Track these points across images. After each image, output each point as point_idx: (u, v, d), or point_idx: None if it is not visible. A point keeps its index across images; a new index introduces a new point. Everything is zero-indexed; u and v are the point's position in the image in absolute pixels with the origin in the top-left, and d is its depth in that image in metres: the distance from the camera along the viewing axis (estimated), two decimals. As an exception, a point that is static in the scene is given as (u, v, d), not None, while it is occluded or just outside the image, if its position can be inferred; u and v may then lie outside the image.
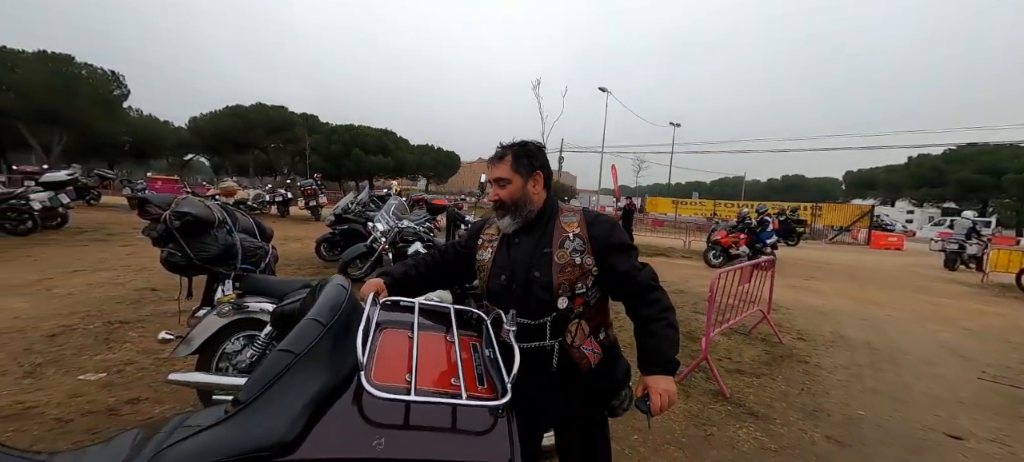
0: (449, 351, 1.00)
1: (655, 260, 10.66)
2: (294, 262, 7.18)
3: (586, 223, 1.32)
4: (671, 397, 1.19)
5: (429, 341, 1.02)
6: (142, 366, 2.99)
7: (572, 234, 1.29)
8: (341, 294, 0.95)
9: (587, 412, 1.34)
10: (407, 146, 41.47)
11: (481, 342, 1.09)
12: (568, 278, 1.25)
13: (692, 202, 31.65)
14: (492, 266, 1.36)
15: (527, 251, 1.31)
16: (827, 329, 5.05)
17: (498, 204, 1.34)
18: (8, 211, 7.75)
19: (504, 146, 1.38)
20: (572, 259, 1.26)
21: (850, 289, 7.88)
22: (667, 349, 1.23)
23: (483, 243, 1.44)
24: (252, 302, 2.33)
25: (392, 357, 0.92)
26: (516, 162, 1.34)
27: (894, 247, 17.96)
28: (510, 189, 1.32)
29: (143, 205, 2.19)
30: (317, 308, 0.87)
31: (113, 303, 4.38)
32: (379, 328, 1.02)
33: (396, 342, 0.98)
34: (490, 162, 1.38)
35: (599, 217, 1.36)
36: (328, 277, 1.10)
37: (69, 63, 26.33)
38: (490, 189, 1.37)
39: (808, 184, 69.02)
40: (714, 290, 3.24)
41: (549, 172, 1.40)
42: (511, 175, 1.32)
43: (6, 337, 3.36)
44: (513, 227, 1.34)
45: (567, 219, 1.33)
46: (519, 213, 1.33)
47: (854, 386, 3.47)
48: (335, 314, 0.86)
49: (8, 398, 2.48)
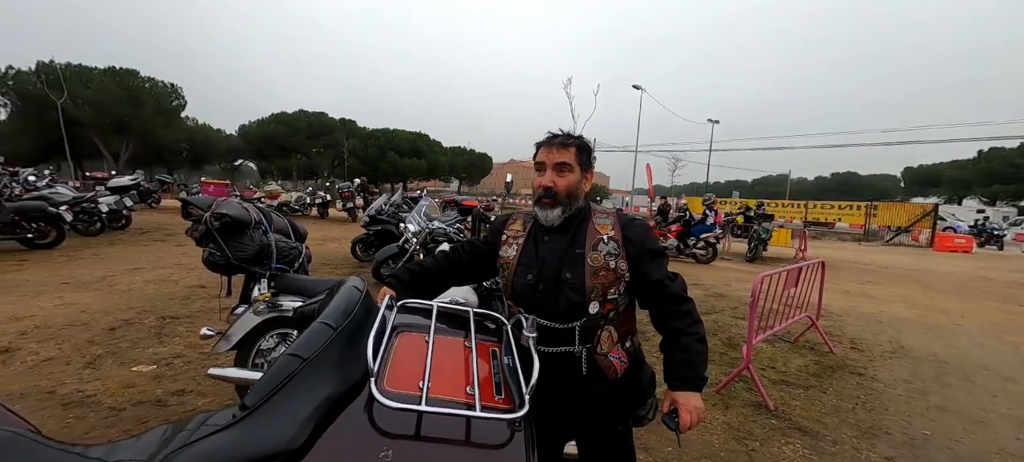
0: (466, 357, 0.96)
1: (692, 263, 10.25)
2: (330, 262, 7.42)
3: (620, 226, 1.27)
4: (700, 415, 1.16)
5: (446, 346, 0.98)
6: (189, 360, 3.16)
7: (606, 236, 1.23)
8: (354, 296, 0.93)
9: (611, 421, 1.28)
10: (440, 148, 42.27)
11: (501, 348, 1.04)
12: (601, 282, 1.19)
13: (731, 202, 30.30)
14: (518, 264, 1.28)
15: (558, 250, 1.24)
16: (885, 339, 4.64)
17: (550, 193, 1.24)
18: (80, 213, 8.48)
19: (568, 133, 1.31)
20: (606, 263, 1.20)
21: (912, 295, 7.24)
22: (698, 364, 1.19)
23: (507, 239, 1.36)
24: (286, 301, 2.40)
25: (407, 363, 0.89)
26: (581, 153, 1.28)
27: (962, 249, 16.42)
28: (570, 178, 1.25)
29: (186, 207, 2.30)
30: (329, 311, 0.85)
31: (166, 299, 4.68)
32: (396, 332, 0.99)
33: (412, 347, 0.95)
34: (550, 146, 1.27)
35: (634, 220, 1.30)
36: (345, 277, 1.08)
37: (135, 77, 28.66)
38: (541, 176, 1.27)
39: (862, 182, 64.53)
40: (757, 294, 3.04)
41: (591, 176, 1.37)
42: (574, 163, 1.26)
43: (73, 329, 3.64)
44: (560, 221, 1.26)
45: (601, 221, 1.27)
46: (569, 207, 1.26)
47: (917, 402, 3.15)
48: (347, 317, 0.83)
49: (71, 386, 2.68)
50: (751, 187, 71.25)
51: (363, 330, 0.86)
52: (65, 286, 5.00)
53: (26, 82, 24.89)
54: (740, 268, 9.63)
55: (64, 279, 5.32)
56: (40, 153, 28.52)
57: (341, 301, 0.90)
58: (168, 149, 33.77)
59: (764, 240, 10.84)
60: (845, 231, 21.99)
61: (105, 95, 26.23)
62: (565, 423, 1.29)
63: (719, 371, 3.50)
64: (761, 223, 11.12)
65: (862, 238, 19.91)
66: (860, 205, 21.57)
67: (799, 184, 69.09)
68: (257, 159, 43.65)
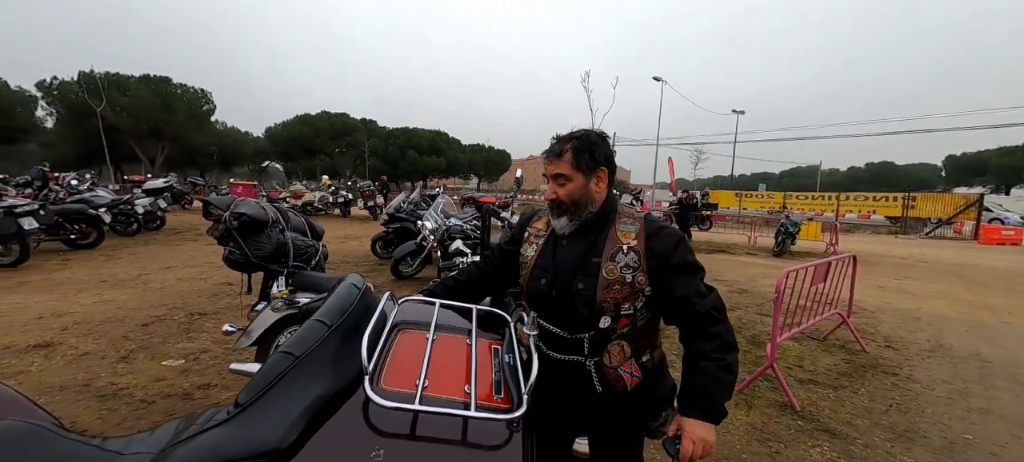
0: (467, 355, 0.94)
1: (716, 257, 9.98)
2: (352, 259, 7.56)
3: (646, 235, 1.15)
4: (706, 448, 1.03)
5: (448, 344, 0.97)
6: (215, 355, 3.27)
7: (627, 246, 1.13)
8: (352, 293, 0.92)
9: (621, 429, 1.22)
10: (459, 146, 42.51)
11: (503, 346, 1.02)
12: (614, 297, 1.11)
13: (758, 195, 29.34)
14: (533, 267, 1.24)
15: (574, 257, 1.18)
16: (923, 337, 4.39)
17: (555, 203, 1.19)
18: (118, 215, 8.92)
19: (562, 138, 1.22)
20: (622, 276, 1.11)
21: (954, 291, 6.83)
22: (716, 394, 1.06)
23: (529, 236, 1.32)
24: (302, 298, 2.45)
25: (406, 360, 0.88)
26: (577, 157, 1.17)
27: (1010, 242, 15.40)
28: (569, 188, 1.17)
29: (207, 208, 2.37)
30: (324, 309, 0.84)
31: (195, 296, 4.86)
32: (397, 329, 0.98)
33: (412, 344, 0.94)
34: (546, 157, 1.22)
35: (663, 229, 1.17)
36: (345, 274, 1.08)
37: (167, 84, 29.89)
38: (546, 186, 1.25)
39: (899, 172, 61.45)
40: (781, 290, 2.92)
41: (614, 166, 1.24)
42: (571, 172, 1.17)
43: (109, 325, 3.83)
44: (570, 229, 1.20)
45: (624, 227, 1.17)
46: (578, 214, 1.18)
47: (958, 405, 2.97)
48: (342, 315, 0.83)
49: (105, 380, 2.81)
50: (779, 179, 68.88)
51: (360, 328, 0.85)
52: (103, 284, 5.27)
53: (69, 91, 26.32)
54: (766, 263, 9.31)
55: (103, 277, 5.60)
56: (83, 159, 30.18)
57: (337, 298, 0.89)
58: (199, 152, 35.18)
59: (792, 234, 10.45)
60: (880, 223, 20.97)
61: (141, 102, 27.48)
62: (574, 421, 1.27)
63: (742, 370, 3.38)
64: (699, 213, 10.67)
65: (899, 230, 18.96)
66: (897, 196, 20.51)
67: (830, 175, 66.36)
68: (283, 160, 44.95)
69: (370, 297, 1.00)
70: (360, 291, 0.95)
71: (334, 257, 7.33)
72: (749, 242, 12.91)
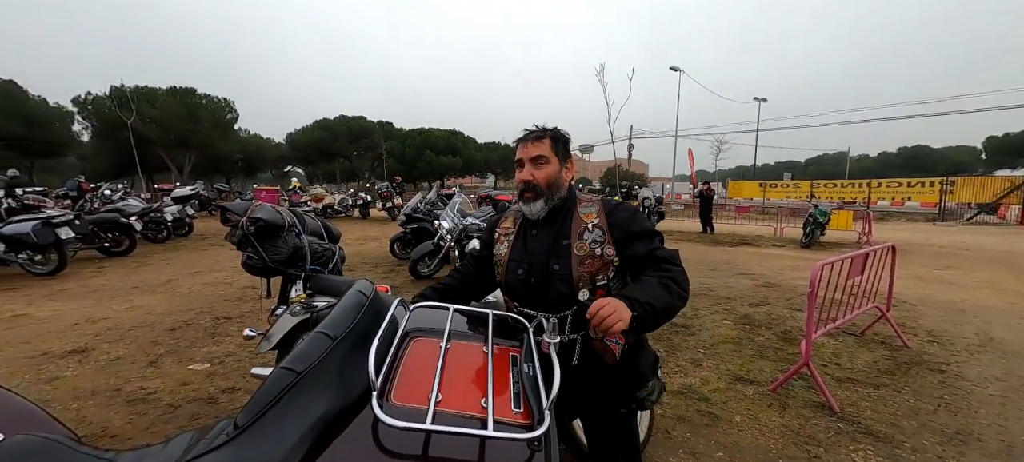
0: (484, 365, 0.88)
1: (741, 249, 9.68)
2: (371, 260, 7.63)
3: (605, 213, 1.28)
4: (615, 314, 0.97)
5: (463, 353, 0.91)
6: (239, 358, 3.32)
7: (591, 225, 1.25)
8: (358, 301, 0.87)
9: (613, 404, 1.29)
10: (474, 145, 42.60)
11: (521, 354, 0.95)
12: (588, 270, 1.21)
13: (783, 184, 28.39)
14: (508, 260, 1.33)
15: (545, 243, 1.27)
16: (970, 330, 4.12)
17: (529, 187, 1.27)
18: (149, 223, 9.25)
19: (540, 127, 1.34)
20: (592, 251, 1.22)
21: (1000, 280, 6.42)
22: (647, 292, 1.09)
23: (499, 237, 1.41)
24: (320, 301, 2.44)
25: (418, 371, 0.82)
26: (555, 144, 1.31)
27: (1061, 226, 14.43)
28: (548, 170, 1.27)
29: (224, 213, 2.38)
30: (329, 319, 0.79)
31: (221, 300, 4.97)
32: (409, 337, 0.93)
33: (425, 354, 0.88)
34: (525, 141, 1.30)
35: (619, 205, 1.31)
36: (355, 279, 1.03)
37: (192, 95, 30.92)
38: (521, 171, 1.29)
39: (934, 156, 58.45)
40: (816, 283, 2.75)
41: (574, 164, 1.40)
42: (550, 155, 1.28)
43: (139, 330, 3.94)
44: (544, 212, 1.28)
45: (585, 210, 1.30)
46: (552, 198, 1.28)
47: (1014, 404, 2.75)
48: (348, 325, 0.77)
49: (135, 384, 2.88)
50: (805, 168, 66.57)
51: (370, 338, 0.80)
52: (135, 290, 5.45)
53: (102, 105, 27.51)
54: (794, 255, 8.97)
55: (135, 283, 5.79)
56: (117, 170, 31.51)
57: (343, 307, 0.84)
58: (225, 159, 36.30)
59: (821, 224, 10.02)
60: (916, 211, 19.98)
61: (168, 113, 28.52)
62: (566, 403, 1.28)
63: (774, 368, 3.24)
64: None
65: (937, 218, 18.04)
66: (933, 181, 19.53)
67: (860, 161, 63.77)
68: (304, 165, 45.94)
69: (380, 303, 0.95)
70: (368, 298, 0.89)
71: (353, 258, 7.40)
72: (775, 233, 12.48)
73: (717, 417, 2.55)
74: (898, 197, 21.14)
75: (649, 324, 1.06)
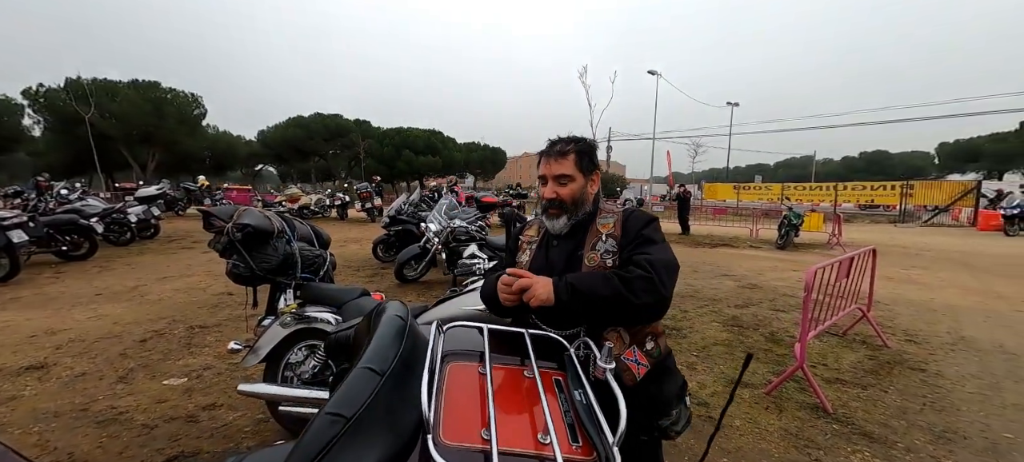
0: (530, 392, 0.81)
1: (720, 251, 9.91)
2: (353, 264, 7.41)
3: (623, 222, 1.23)
4: (534, 289, 1.06)
5: (505, 378, 0.84)
6: (219, 371, 3.12)
7: (605, 235, 1.22)
8: (398, 328, 0.79)
9: (632, 432, 1.17)
10: (454, 145, 42.24)
11: (566, 377, 0.88)
12: None
13: (755, 186, 29.36)
14: (528, 270, 1.25)
15: (564, 254, 1.25)
16: (942, 329, 4.31)
17: (555, 203, 1.24)
18: (111, 224, 8.70)
19: (564, 140, 1.28)
20: (602, 262, 1.17)
21: (963, 279, 6.78)
22: (582, 276, 1.10)
23: (522, 245, 1.38)
24: (312, 311, 2.31)
25: (463, 403, 0.75)
26: (580, 159, 1.25)
27: (1009, 228, 15.44)
28: (572, 187, 1.23)
29: (207, 219, 2.22)
30: (371, 351, 0.71)
31: (195, 308, 4.70)
32: (445, 361, 0.85)
33: (466, 381, 0.81)
34: (549, 157, 1.26)
35: (635, 212, 1.26)
36: (385, 302, 0.94)
37: (156, 89, 29.40)
38: (545, 187, 1.25)
39: (893, 160, 61.79)
40: (811, 287, 2.80)
41: (600, 173, 1.34)
42: (574, 172, 1.24)
43: (106, 342, 3.67)
44: (567, 228, 1.25)
45: (604, 220, 1.26)
46: (576, 214, 1.25)
47: (992, 401, 2.88)
48: (393, 359, 0.69)
49: (104, 403, 2.66)
50: (774, 171, 69.08)
51: (410, 367, 0.72)
52: (98, 297, 5.09)
53: (56, 98, 25.82)
54: (771, 256, 9.25)
55: (98, 290, 5.42)
56: (73, 167, 29.67)
57: (385, 337, 0.76)
58: (192, 157, 34.67)
59: (796, 226, 10.38)
60: (879, 213, 21.01)
61: (130, 107, 27.01)
62: None
63: (766, 370, 3.29)
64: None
65: (898, 219, 19.02)
66: (894, 185, 20.57)
67: (825, 165, 66.66)
68: (276, 163, 44.46)
69: (417, 329, 0.87)
70: (406, 323, 0.81)
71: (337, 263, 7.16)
72: (751, 235, 12.85)
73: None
74: (862, 199, 22.18)
75: (566, 303, 1.05)
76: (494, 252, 5.22)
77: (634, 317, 1.13)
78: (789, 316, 4.68)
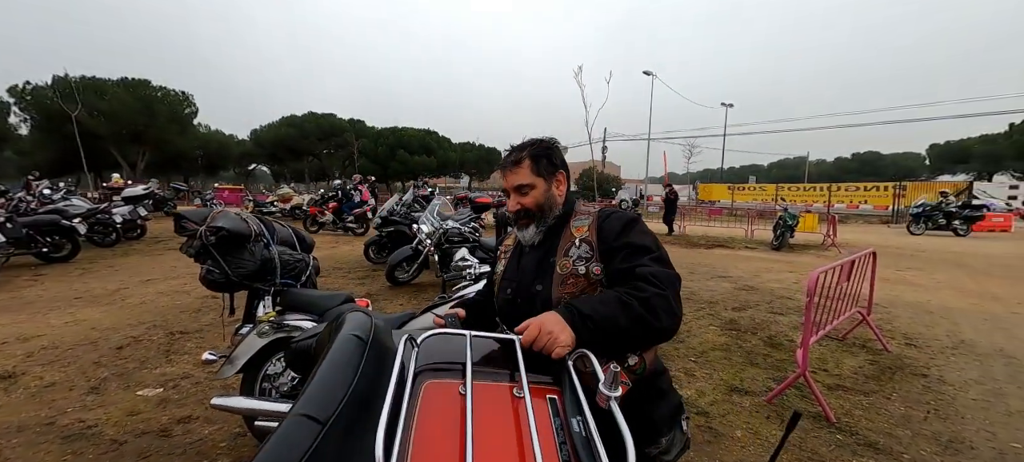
0: (519, 415, 0.69)
1: (717, 252, 9.86)
2: (344, 266, 7.26)
3: (598, 224, 1.13)
4: (547, 332, 0.86)
5: (489, 396, 0.72)
6: (197, 381, 2.99)
7: (579, 239, 1.12)
8: (354, 351, 0.66)
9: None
10: (449, 145, 42.07)
11: (561, 395, 0.77)
12: (570, 290, 1.07)
13: (749, 187, 29.48)
14: (501, 279, 1.25)
15: (534, 262, 1.17)
16: (941, 332, 4.26)
17: (521, 213, 1.17)
18: (95, 225, 8.48)
19: (516, 148, 1.21)
20: (575, 269, 1.08)
21: (958, 281, 6.76)
22: (594, 304, 0.93)
23: (501, 254, 1.34)
24: (292, 319, 2.19)
25: (437, 432, 0.63)
26: (536, 164, 1.18)
27: (1000, 228, 15.58)
28: (534, 195, 1.16)
29: (179, 222, 2.08)
30: (312, 389, 0.58)
31: (177, 312, 4.54)
32: (419, 378, 0.73)
33: (443, 403, 0.69)
34: (504, 169, 1.20)
35: (614, 213, 1.16)
36: (345, 309, 0.81)
37: (147, 87, 29.02)
38: (510, 199, 1.18)
39: (885, 161, 62.37)
40: (813, 292, 2.71)
41: (568, 171, 1.24)
42: (533, 179, 1.17)
43: (80, 349, 3.51)
44: (539, 237, 1.17)
45: (578, 222, 1.16)
46: (544, 220, 1.17)
47: (997, 408, 2.80)
48: (342, 399, 0.56)
49: (72, 415, 2.51)
50: (768, 171, 69.55)
51: (369, 403, 0.60)
52: (77, 301, 4.92)
53: (43, 97, 25.37)
54: (767, 257, 9.20)
55: (77, 293, 5.24)
56: (60, 166, 29.15)
57: (333, 368, 0.63)
58: (183, 156, 34.28)
59: (791, 226, 10.35)
60: (871, 213, 21.13)
61: (119, 106, 26.61)
62: None
63: (766, 376, 3.20)
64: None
65: (891, 220, 19.11)
66: (887, 186, 20.72)
67: (818, 166, 67.16)
68: (270, 163, 44.04)
69: (380, 345, 0.74)
70: (366, 343, 0.69)
71: (325, 263, 7.01)
72: (746, 235, 12.82)
73: (719, 433, 2.46)
74: (855, 200, 22.31)
75: (588, 343, 0.87)
76: (487, 254, 5.10)
77: (650, 343, 1.03)
78: (787, 319, 4.60)
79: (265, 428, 2.06)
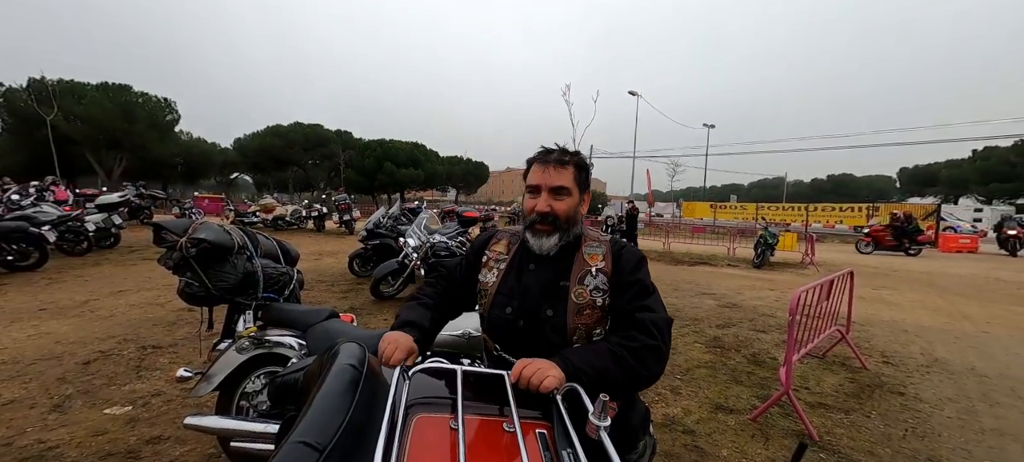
0: (510, 451, 0.68)
1: (700, 269, 10.01)
2: (328, 279, 7.12)
3: (613, 256, 1.11)
4: (541, 373, 0.86)
5: (479, 432, 0.71)
6: (169, 398, 2.86)
7: (595, 268, 1.09)
8: (350, 381, 0.65)
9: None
10: (437, 158, 42.06)
11: (551, 430, 0.76)
12: (585, 322, 1.05)
13: (731, 206, 30.16)
14: (497, 293, 1.14)
15: (541, 282, 1.10)
16: (916, 350, 4.38)
17: (548, 218, 1.09)
18: (66, 233, 8.15)
19: (563, 150, 1.15)
20: (592, 299, 1.06)
21: (930, 300, 6.99)
22: (587, 356, 0.95)
23: (488, 261, 1.21)
24: (274, 335, 2.12)
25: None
26: (579, 174, 1.14)
27: (967, 249, 16.24)
28: (569, 202, 1.11)
29: (158, 232, 2.02)
30: (311, 417, 0.57)
31: (150, 325, 4.36)
32: (410, 413, 0.72)
33: (434, 437, 0.68)
34: (545, 164, 1.11)
35: (626, 248, 1.15)
36: (339, 344, 0.80)
37: (127, 92, 28.36)
38: (535, 198, 1.10)
39: (858, 183, 64.72)
40: (796, 310, 2.77)
41: (588, 197, 1.23)
42: (573, 186, 1.12)
43: (44, 364, 3.33)
44: (555, 249, 1.12)
45: (591, 250, 1.12)
46: (567, 234, 1.12)
47: (971, 425, 2.88)
48: (339, 427, 0.55)
49: (32, 436, 2.37)
50: (747, 190, 71.41)
51: (364, 431, 0.59)
52: (42, 313, 4.69)
53: (17, 99, 24.53)
54: (749, 275, 9.38)
55: (42, 304, 5.00)
56: (33, 170, 28.00)
57: (330, 398, 0.62)
58: (163, 164, 33.36)
59: (771, 245, 10.60)
60: (847, 234, 21.80)
61: (97, 111, 25.88)
62: None
63: (750, 394, 3.23)
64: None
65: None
66: (861, 207, 21.48)
67: (795, 186, 69.32)
68: (253, 172, 43.23)
69: (374, 379, 0.73)
70: (362, 374, 0.68)
71: (308, 276, 6.86)
72: (728, 253, 13.07)
73: (704, 452, 2.45)
74: (831, 220, 23.02)
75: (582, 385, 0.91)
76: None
77: (638, 389, 1.07)
78: (769, 337, 4.67)
79: (242, 449, 1.97)
